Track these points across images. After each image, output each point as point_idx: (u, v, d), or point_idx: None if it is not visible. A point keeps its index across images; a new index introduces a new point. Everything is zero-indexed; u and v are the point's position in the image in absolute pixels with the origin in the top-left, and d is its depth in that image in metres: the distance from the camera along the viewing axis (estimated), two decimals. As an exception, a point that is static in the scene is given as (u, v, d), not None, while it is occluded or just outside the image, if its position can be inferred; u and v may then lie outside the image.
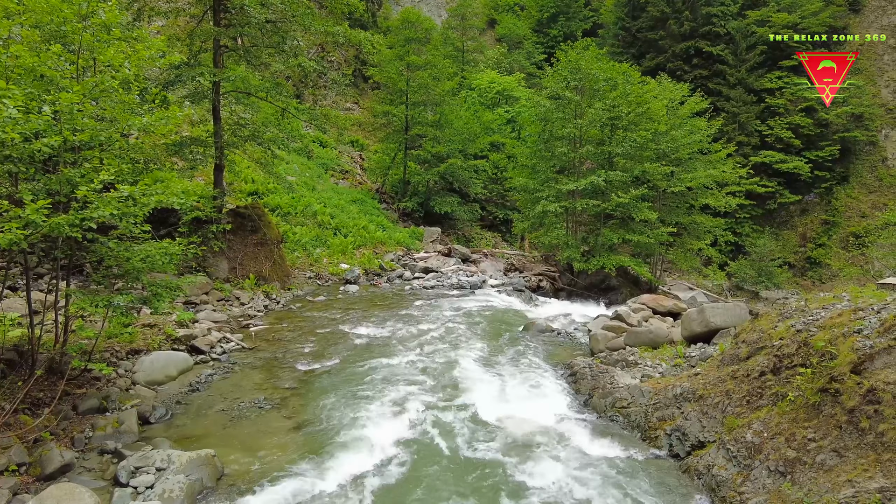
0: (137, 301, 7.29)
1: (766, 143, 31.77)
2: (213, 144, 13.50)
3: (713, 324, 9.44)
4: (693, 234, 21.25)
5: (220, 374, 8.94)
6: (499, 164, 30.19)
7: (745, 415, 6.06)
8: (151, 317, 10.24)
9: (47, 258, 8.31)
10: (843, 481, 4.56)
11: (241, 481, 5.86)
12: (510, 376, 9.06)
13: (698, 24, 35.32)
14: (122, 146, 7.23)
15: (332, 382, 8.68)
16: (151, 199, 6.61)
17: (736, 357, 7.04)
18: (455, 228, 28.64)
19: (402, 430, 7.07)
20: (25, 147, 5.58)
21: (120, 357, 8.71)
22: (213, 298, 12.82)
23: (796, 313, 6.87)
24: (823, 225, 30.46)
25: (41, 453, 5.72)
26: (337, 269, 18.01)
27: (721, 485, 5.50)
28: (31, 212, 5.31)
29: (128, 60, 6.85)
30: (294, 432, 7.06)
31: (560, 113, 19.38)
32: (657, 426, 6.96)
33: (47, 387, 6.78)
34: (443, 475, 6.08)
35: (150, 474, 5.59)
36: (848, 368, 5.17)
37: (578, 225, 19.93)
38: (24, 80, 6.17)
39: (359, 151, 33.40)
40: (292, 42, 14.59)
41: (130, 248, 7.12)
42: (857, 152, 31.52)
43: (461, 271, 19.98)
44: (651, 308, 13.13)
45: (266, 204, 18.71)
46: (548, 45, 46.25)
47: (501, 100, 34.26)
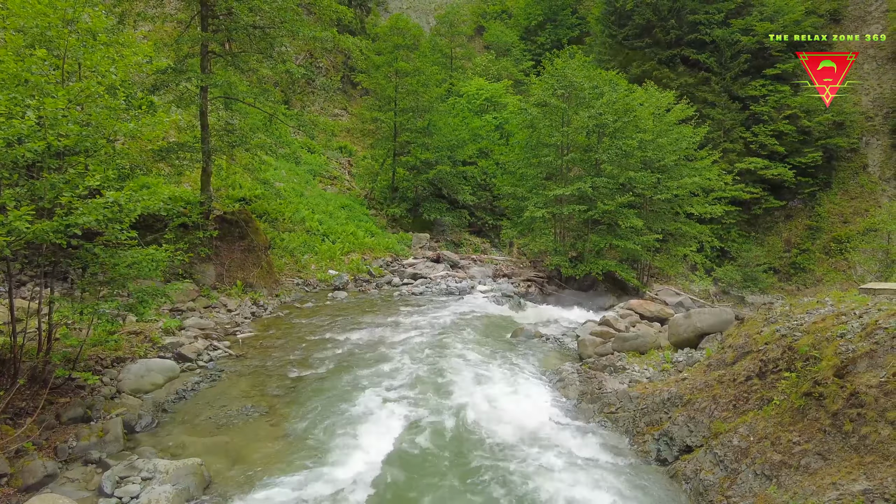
0: (123, 308, 7.23)
1: (750, 149, 32.17)
2: (201, 150, 13.41)
3: (700, 329, 9.52)
4: (679, 240, 21.43)
5: (207, 382, 8.85)
6: (487, 170, 30.31)
7: (732, 419, 6.12)
8: (137, 324, 10.12)
9: (30, 265, 8.20)
10: (828, 484, 4.62)
11: (229, 490, 5.80)
12: (499, 382, 9.06)
13: (684, 33, 35.78)
14: (108, 152, 7.17)
15: (320, 389, 8.63)
16: (138, 206, 6.56)
17: (722, 362, 7.11)
18: (444, 234, 28.64)
19: (391, 436, 7.05)
20: (8, 152, 5.51)
21: (105, 365, 8.59)
22: (200, 305, 12.70)
23: (781, 318, 6.97)
24: (807, 230, 30.89)
25: (23, 464, 5.62)
26: (325, 276, 17.93)
27: (708, 489, 5.54)
28: (13, 218, 5.25)
29: (114, 65, 6.81)
30: (282, 440, 7.00)
31: (547, 120, 19.52)
32: (645, 431, 7.00)
33: (30, 396, 6.66)
34: (431, 481, 6.06)
35: (135, 484, 5.52)
36: (831, 372, 5.25)
37: (566, 231, 20.02)
38: (8, 84, 6.10)
39: (347, 157, 33.34)
40: (280, 48, 14.58)
41: (116, 254, 7.05)
42: (839, 159, 32.07)
43: (450, 277, 19.98)
44: (639, 313, 13.22)
45: (254, 210, 18.56)
46: (535, 52, 46.55)
47: (489, 106, 34.42)
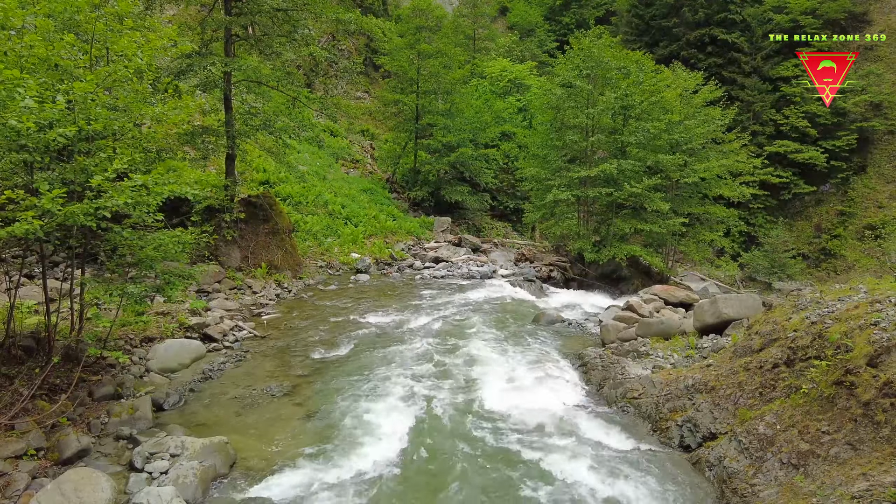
0: (151, 289, 7.38)
1: (781, 132, 31.24)
2: (225, 134, 13.53)
3: (726, 315, 9.35)
4: (706, 224, 21.02)
5: (233, 362, 9.03)
6: (510, 153, 30.04)
7: (758, 407, 6.02)
8: (164, 305, 10.35)
9: (62, 247, 8.41)
10: (858, 474, 4.52)
11: (254, 468, 5.94)
12: (521, 366, 9.06)
13: (713, 12, 34.74)
14: (135, 135, 7.27)
15: (343, 371, 8.74)
16: (164, 189, 6.65)
17: (749, 349, 6.98)
18: (465, 218, 28.58)
19: (413, 418, 7.11)
20: (40, 137, 5.62)
21: (134, 345, 8.83)
22: (226, 287, 12.92)
23: (811, 305, 6.79)
24: (839, 216, 29.92)
25: (59, 438, 5.83)
26: (348, 259, 18.08)
27: (732, 476, 5.47)
28: (46, 201, 5.37)
29: (140, 50, 6.86)
30: (306, 420, 7.12)
31: (571, 101, 19.19)
32: (668, 417, 6.93)
33: (64, 373, 6.88)
34: (453, 464, 6.11)
35: (164, 460, 5.68)
36: (864, 361, 5.11)
37: (590, 215, 19.79)
38: (39, 69, 6.20)
39: (369, 140, 33.35)
40: (303, 31, 14.54)
41: (144, 236, 7.19)
42: (875, 142, 30.83)
43: (471, 261, 19.96)
44: (663, 299, 13.05)
45: (277, 193, 18.75)
46: (560, 32, 45.76)
47: (513, 88, 34.00)
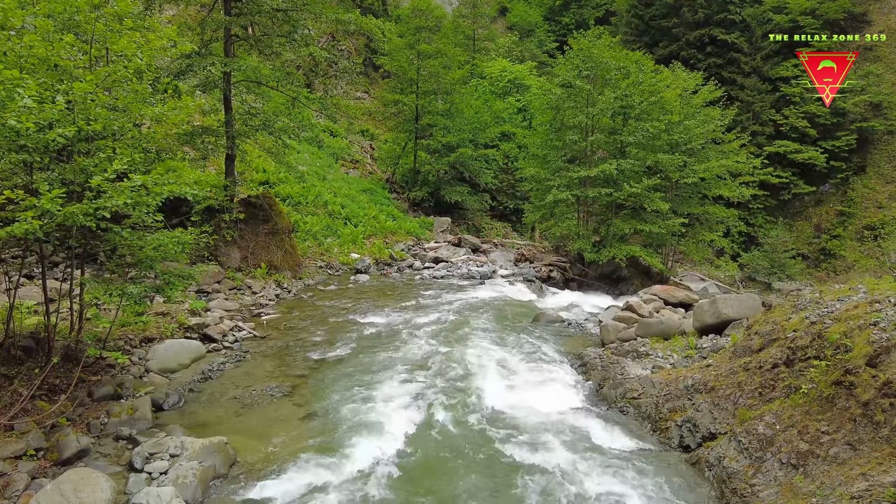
0: (150, 289, 7.37)
1: (780, 132, 31.23)
2: (225, 134, 13.53)
3: (725, 315, 9.36)
4: (705, 224, 21.02)
5: (232, 362, 9.03)
6: (509, 153, 30.04)
7: (758, 407, 6.02)
8: (164, 305, 10.35)
9: (62, 247, 8.41)
10: (857, 474, 4.52)
11: (253, 468, 5.93)
12: (520, 366, 9.06)
13: (713, 12, 34.74)
14: (135, 136, 7.26)
15: (343, 371, 8.74)
16: (164, 189, 6.64)
17: (748, 349, 6.98)
18: (465, 218, 28.58)
19: (413, 418, 7.11)
20: (40, 137, 5.62)
21: (133, 345, 8.82)
22: (225, 287, 12.92)
23: (811, 305, 6.80)
24: (838, 216, 29.89)
25: (58, 438, 5.83)
26: (347, 259, 18.08)
27: (732, 476, 5.47)
28: (46, 201, 5.36)
29: (140, 50, 6.86)
30: (305, 420, 7.12)
31: (571, 101, 19.18)
32: (668, 417, 6.94)
33: (63, 374, 6.88)
34: (453, 463, 6.11)
35: (164, 460, 5.68)
36: (863, 361, 5.11)
37: (589, 215, 19.78)
38: (38, 69, 6.19)
39: (369, 141, 33.35)
40: (303, 31, 14.54)
41: (143, 237, 7.19)
42: (874, 142, 30.81)
43: (471, 261, 19.97)
44: (662, 299, 13.05)
45: (277, 193, 18.75)
46: (560, 33, 45.75)
47: (512, 88, 34.01)
